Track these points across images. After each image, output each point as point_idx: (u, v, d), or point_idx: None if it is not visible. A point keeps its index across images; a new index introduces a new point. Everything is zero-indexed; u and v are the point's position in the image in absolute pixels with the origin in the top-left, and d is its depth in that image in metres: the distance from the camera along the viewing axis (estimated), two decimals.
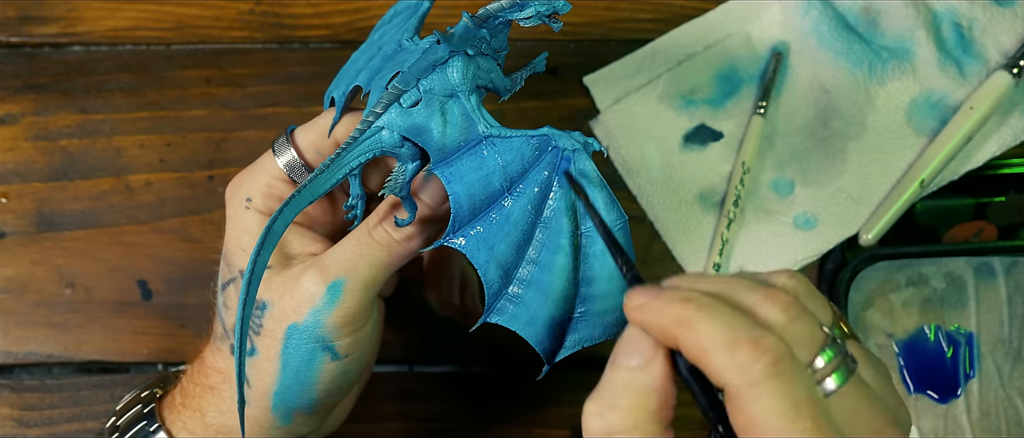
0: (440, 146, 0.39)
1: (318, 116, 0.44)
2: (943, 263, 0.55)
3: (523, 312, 0.41)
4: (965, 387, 0.54)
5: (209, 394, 0.43)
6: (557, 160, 0.40)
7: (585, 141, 0.40)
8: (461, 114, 0.39)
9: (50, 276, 0.57)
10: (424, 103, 0.39)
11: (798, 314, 0.32)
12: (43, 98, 0.59)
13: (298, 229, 0.44)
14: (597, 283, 0.41)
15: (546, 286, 0.41)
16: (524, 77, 0.43)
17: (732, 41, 0.59)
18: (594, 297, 0.42)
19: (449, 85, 0.39)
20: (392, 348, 0.56)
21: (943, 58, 0.58)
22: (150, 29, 0.60)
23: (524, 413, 0.56)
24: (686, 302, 0.32)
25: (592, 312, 0.42)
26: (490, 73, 0.40)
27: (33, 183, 0.58)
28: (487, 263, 0.40)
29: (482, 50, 0.40)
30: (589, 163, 0.40)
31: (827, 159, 0.57)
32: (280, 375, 0.42)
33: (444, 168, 0.39)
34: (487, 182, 0.39)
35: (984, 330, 0.55)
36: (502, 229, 0.40)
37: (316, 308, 0.41)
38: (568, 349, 0.43)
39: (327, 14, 0.61)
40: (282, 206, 0.37)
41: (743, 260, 0.56)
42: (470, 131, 0.39)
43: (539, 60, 0.44)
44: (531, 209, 0.40)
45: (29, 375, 0.57)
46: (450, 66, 0.39)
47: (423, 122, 0.39)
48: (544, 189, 0.40)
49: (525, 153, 0.39)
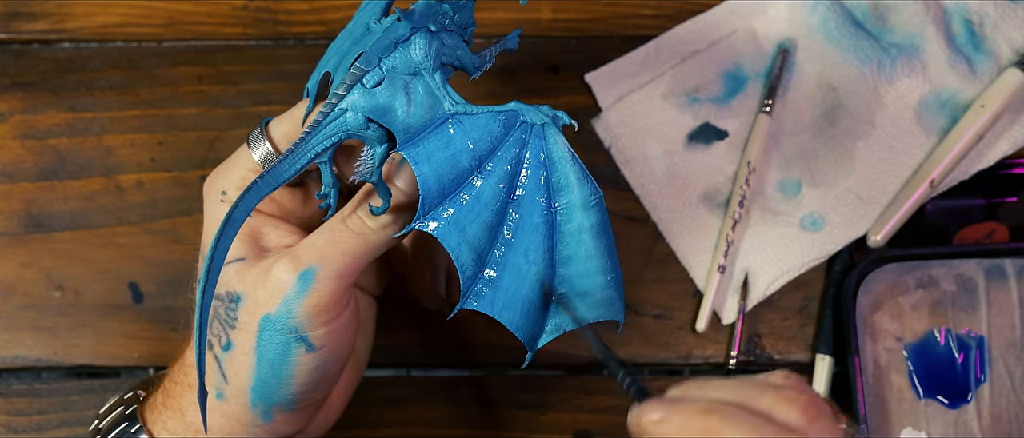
0: (405, 126, 0.38)
1: (292, 108, 0.43)
2: (953, 265, 0.55)
3: (500, 296, 0.40)
4: (976, 392, 0.53)
5: (189, 392, 0.43)
6: (527, 136, 0.39)
7: (554, 114, 0.39)
8: (425, 92, 0.38)
9: (39, 278, 0.56)
10: (387, 82, 0.38)
11: (816, 414, 0.34)
12: (32, 96, 0.59)
13: (273, 221, 0.43)
14: (574, 263, 0.40)
15: (522, 268, 0.40)
16: (495, 54, 0.43)
17: (737, 38, 0.58)
18: (573, 278, 0.41)
19: (412, 63, 0.38)
20: (387, 351, 0.56)
21: (954, 55, 0.57)
22: (141, 25, 0.60)
23: (523, 418, 0.56)
24: (710, 413, 0.33)
25: (572, 294, 0.41)
26: (456, 50, 0.40)
27: (21, 183, 0.58)
28: (459, 245, 0.39)
29: (446, 26, 0.39)
30: (559, 138, 0.39)
31: (835, 158, 0.56)
32: (256, 369, 0.41)
33: (410, 148, 0.38)
34: (455, 161, 0.38)
35: (995, 334, 0.54)
36: (473, 210, 0.39)
37: (287, 297, 0.40)
38: (549, 334, 0.42)
39: (322, 10, 0.60)
40: (244, 192, 0.37)
41: (748, 262, 0.56)
42: (435, 109, 0.38)
43: (511, 37, 0.43)
44: (502, 188, 0.39)
45: (18, 380, 0.56)
46: (412, 43, 0.38)
47: (387, 102, 0.38)
48: (515, 166, 0.39)
49: (493, 130, 0.39)
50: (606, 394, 0.55)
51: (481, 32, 0.59)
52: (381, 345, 0.54)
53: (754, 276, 0.56)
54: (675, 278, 0.56)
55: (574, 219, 0.40)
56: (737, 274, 0.56)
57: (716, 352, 0.56)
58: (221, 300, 0.42)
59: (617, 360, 0.37)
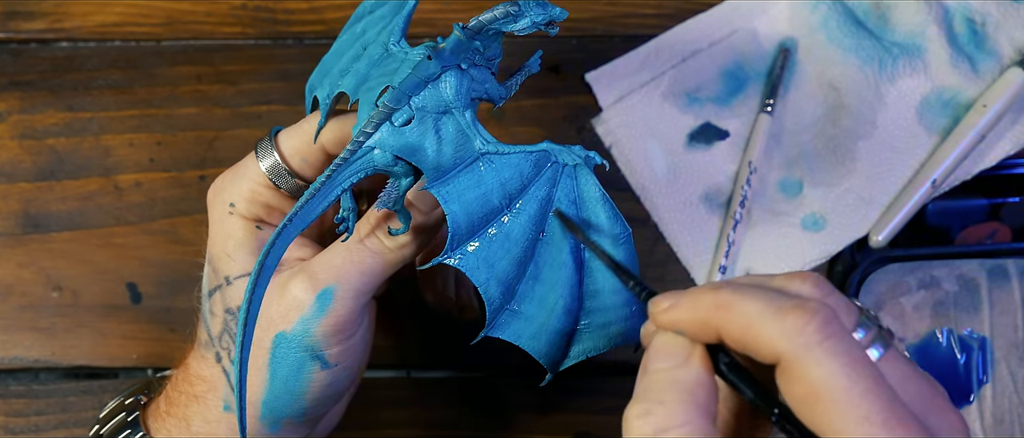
0: (435, 164, 0.38)
1: (302, 120, 0.43)
2: (955, 265, 0.54)
3: (526, 327, 0.40)
4: (978, 393, 0.53)
5: (194, 403, 0.42)
6: (558, 175, 0.39)
7: (586, 155, 0.39)
8: (456, 131, 0.38)
9: (37, 279, 0.56)
10: (417, 121, 0.38)
11: (829, 290, 0.32)
12: (30, 96, 0.59)
13: None
14: (601, 296, 0.41)
15: (549, 301, 0.40)
16: (520, 82, 0.42)
17: (738, 37, 0.58)
18: (598, 309, 0.41)
19: (442, 102, 0.38)
20: (389, 353, 0.55)
21: (955, 54, 0.57)
22: (140, 25, 0.60)
23: (524, 419, 0.55)
24: (719, 289, 0.31)
25: (595, 324, 0.41)
26: (484, 84, 0.39)
27: (19, 183, 0.57)
28: (488, 281, 0.39)
29: (475, 62, 0.39)
30: (591, 178, 0.39)
31: (836, 158, 0.56)
32: (268, 384, 0.41)
33: (440, 187, 0.38)
34: (485, 200, 0.38)
35: (998, 334, 0.54)
36: (502, 246, 0.39)
37: (305, 316, 0.40)
38: (572, 359, 0.42)
39: (321, 9, 0.60)
40: (273, 238, 0.36)
41: (750, 262, 0.55)
42: (466, 148, 0.38)
43: (533, 61, 0.43)
44: (532, 226, 0.39)
45: (15, 381, 0.56)
46: (443, 82, 0.38)
47: (416, 141, 0.38)
48: (545, 205, 0.39)
49: (524, 169, 0.39)
50: (607, 395, 0.55)
51: None
52: (382, 346, 0.53)
53: None
54: (676, 279, 0.56)
55: None
56: (738, 274, 0.55)
57: None
58: (232, 314, 0.41)
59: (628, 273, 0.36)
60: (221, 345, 0.42)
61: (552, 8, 0.38)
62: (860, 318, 0.32)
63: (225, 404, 0.42)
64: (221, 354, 0.42)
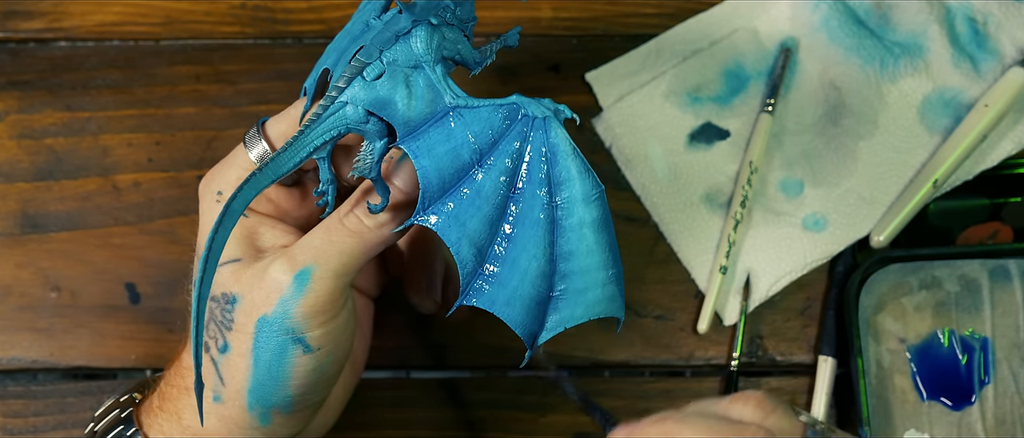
0: (405, 119, 0.38)
1: (289, 106, 0.43)
2: (957, 266, 0.54)
3: (500, 292, 0.40)
4: (980, 394, 0.53)
5: (186, 395, 0.42)
6: (528, 129, 0.38)
7: (556, 108, 0.39)
8: (426, 85, 0.38)
9: (35, 279, 0.56)
10: (388, 75, 0.38)
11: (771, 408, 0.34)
12: (28, 95, 0.58)
13: (270, 221, 0.43)
14: (576, 257, 0.40)
15: (522, 263, 0.39)
16: (495, 50, 0.42)
17: (739, 36, 0.58)
18: (573, 273, 0.40)
19: (413, 55, 0.38)
20: (387, 353, 0.55)
21: (957, 54, 0.56)
22: (138, 24, 0.59)
23: (523, 420, 0.55)
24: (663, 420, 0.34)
25: (572, 289, 0.40)
26: (457, 44, 0.39)
27: (17, 183, 0.57)
28: (459, 240, 0.38)
29: (447, 20, 0.39)
30: (561, 132, 0.39)
31: (837, 158, 0.56)
32: (252, 371, 0.41)
33: (411, 142, 0.38)
34: (456, 155, 0.38)
35: (999, 335, 0.53)
36: (473, 204, 0.38)
37: (284, 298, 0.40)
38: (550, 330, 0.41)
39: (321, 9, 0.59)
40: (242, 184, 0.36)
41: (750, 263, 0.55)
42: (436, 102, 0.38)
43: (511, 34, 0.43)
44: (503, 181, 0.39)
45: (13, 381, 0.55)
46: (413, 36, 0.38)
47: (387, 95, 0.38)
48: (516, 160, 0.39)
49: (494, 123, 0.38)
50: (606, 396, 0.55)
51: (481, 30, 0.59)
52: (381, 347, 0.53)
53: (756, 277, 0.55)
54: (676, 279, 0.56)
55: (576, 213, 0.39)
56: (739, 275, 0.55)
57: (718, 353, 0.55)
58: (217, 302, 0.41)
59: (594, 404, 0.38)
60: (209, 334, 0.41)
61: None
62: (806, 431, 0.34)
63: (215, 394, 0.41)
64: (209, 344, 0.41)
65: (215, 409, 0.42)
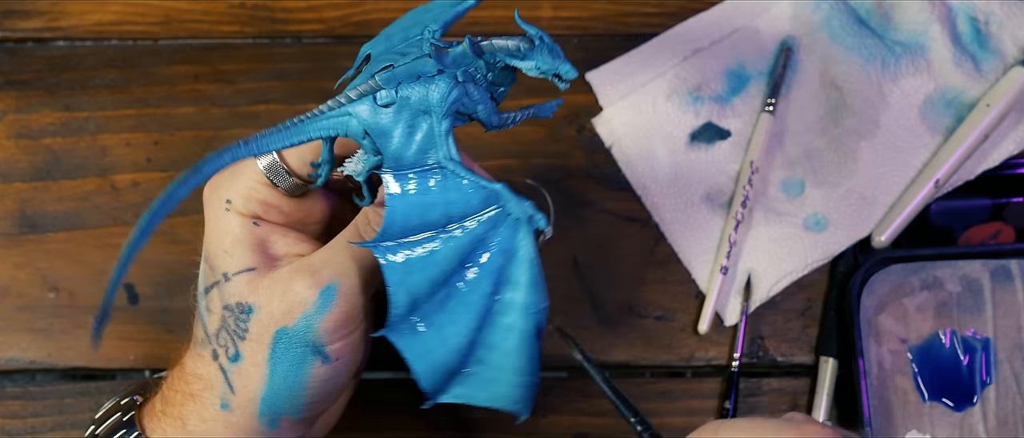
0: (396, 155, 0.38)
1: None
2: (959, 266, 0.54)
3: (418, 344, 0.41)
4: (981, 395, 0.53)
5: (190, 401, 0.42)
6: (500, 222, 0.39)
7: (532, 214, 0.39)
8: (427, 134, 0.38)
9: (33, 279, 0.56)
10: (396, 108, 0.38)
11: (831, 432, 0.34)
12: (26, 95, 0.58)
13: (281, 230, 0.43)
14: (495, 352, 0.41)
15: (446, 332, 0.40)
16: (522, 118, 0.42)
17: (740, 36, 0.58)
18: (488, 363, 0.41)
19: (426, 102, 0.38)
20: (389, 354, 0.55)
21: (959, 53, 0.56)
22: (137, 23, 0.59)
23: (527, 421, 0.54)
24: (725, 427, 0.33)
25: (482, 376, 0.42)
26: (477, 104, 0.39)
27: (15, 183, 0.57)
28: (399, 285, 0.39)
29: (475, 78, 0.39)
30: (529, 239, 0.39)
31: (838, 158, 0.56)
32: (268, 380, 0.41)
33: (392, 176, 0.38)
34: (425, 210, 0.39)
35: (1001, 336, 0.53)
36: (423, 263, 0.39)
37: (308, 313, 0.40)
38: (450, 397, 0.42)
39: (320, 8, 0.59)
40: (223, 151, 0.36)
41: (751, 263, 0.55)
42: (429, 153, 0.38)
43: (547, 106, 0.42)
44: (457, 256, 0.39)
45: (11, 382, 0.55)
46: (434, 84, 0.38)
47: (388, 126, 0.38)
48: (477, 244, 0.39)
49: (472, 200, 0.39)
50: (606, 397, 0.55)
51: (480, 30, 0.59)
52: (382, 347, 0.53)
53: (757, 277, 0.55)
54: (677, 279, 0.56)
55: (510, 316, 0.40)
56: (740, 275, 0.55)
57: (718, 354, 0.55)
58: (231, 311, 0.41)
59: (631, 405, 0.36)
60: (218, 343, 0.41)
61: (562, 62, 0.38)
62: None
63: (222, 402, 0.41)
64: (218, 352, 0.41)
65: (222, 416, 0.42)
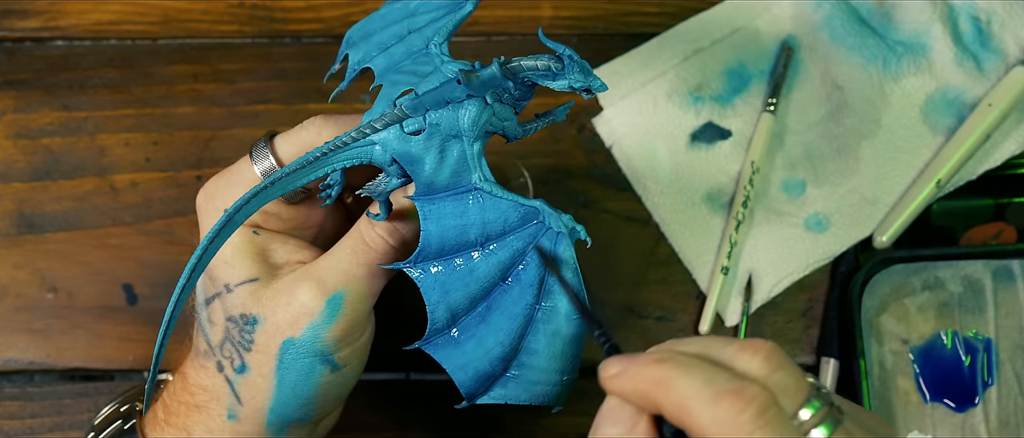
0: (428, 181, 0.38)
1: (298, 126, 0.42)
2: (960, 266, 0.54)
3: (458, 356, 0.41)
4: (983, 395, 0.52)
5: (196, 412, 0.42)
6: (539, 235, 0.39)
7: (573, 227, 0.39)
8: (459, 158, 0.38)
9: (31, 280, 0.56)
10: (425, 135, 0.38)
11: (780, 363, 0.32)
12: (24, 95, 0.58)
13: (281, 237, 0.42)
14: (538, 357, 0.41)
15: (488, 343, 0.41)
16: (540, 128, 0.42)
17: (741, 35, 0.58)
18: (531, 366, 0.41)
19: (457, 127, 0.38)
20: (388, 356, 0.55)
21: (960, 53, 0.56)
22: (135, 23, 0.59)
23: (524, 422, 0.55)
24: (661, 362, 0.32)
25: (525, 378, 0.42)
26: (504, 121, 0.39)
27: (14, 183, 0.57)
28: (438, 304, 0.40)
29: (502, 99, 0.39)
30: (570, 249, 0.39)
31: (840, 158, 0.56)
32: (276, 391, 0.41)
33: (425, 203, 0.39)
34: (463, 232, 0.39)
35: (1003, 336, 0.53)
36: (463, 280, 0.39)
37: (315, 323, 0.40)
38: (491, 398, 0.43)
39: (320, 8, 0.59)
40: (250, 193, 0.36)
41: (752, 263, 0.55)
42: (463, 177, 0.39)
43: (560, 110, 0.43)
44: (497, 271, 0.40)
45: (10, 383, 0.55)
46: (464, 109, 0.38)
47: (418, 153, 0.38)
48: (516, 257, 0.40)
49: (510, 217, 0.39)
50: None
51: (480, 29, 0.59)
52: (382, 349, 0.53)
53: (758, 278, 0.55)
54: (678, 280, 0.55)
55: (554, 323, 0.40)
56: (741, 275, 0.55)
57: None
58: (234, 322, 0.41)
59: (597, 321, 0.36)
60: (223, 354, 0.41)
61: (594, 79, 0.38)
62: (809, 396, 0.32)
63: (230, 413, 0.41)
64: (223, 363, 0.41)
65: (229, 426, 0.42)
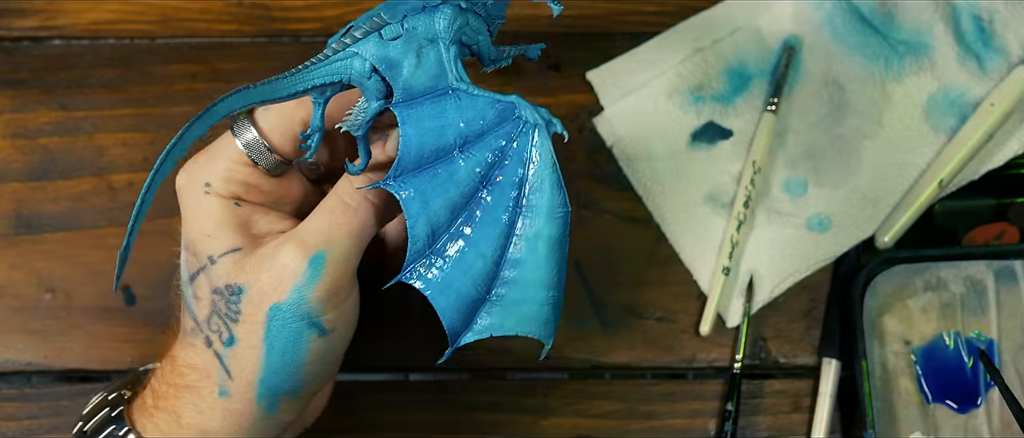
0: (406, 85, 0.39)
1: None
2: (963, 267, 0.54)
3: (440, 279, 0.40)
4: (986, 396, 0.52)
5: (186, 393, 0.41)
6: (517, 130, 0.39)
7: (549, 118, 0.39)
8: (436, 61, 0.39)
9: (29, 280, 0.55)
10: (403, 39, 0.39)
11: None
12: (22, 94, 0.58)
13: (262, 209, 0.42)
14: (522, 267, 0.40)
15: (469, 259, 0.40)
16: (513, 54, 0.43)
17: (742, 35, 0.57)
18: (515, 282, 0.41)
19: (433, 30, 0.39)
20: (387, 356, 0.55)
21: (963, 52, 0.56)
22: (134, 22, 0.59)
23: (523, 422, 0.55)
24: None
25: (509, 298, 0.41)
26: (478, 34, 0.40)
27: (11, 183, 0.57)
28: (418, 215, 0.39)
29: (476, 8, 0.40)
30: (547, 143, 0.39)
31: (842, 158, 0.55)
32: (265, 360, 0.41)
33: (403, 108, 0.39)
34: (441, 133, 0.39)
35: (1005, 337, 0.53)
36: (443, 185, 0.39)
37: (299, 285, 0.40)
38: (475, 333, 0.41)
39: (318, 6, 0.59)
40: (232, 93, 0.36)
41: (754, 264, 0.55)
42: (440, 79, 0.39)
43: (533, 47, 0.43)
44: (478, 173, 0.39)
45: (7, 384, 0.55)
46: (439, 12, 0.39)
47: (397, 57, 0.39)
48: (497, 156, 0.39)
49: (487, 115, 0.39)
50: (607, 399, 0.54)
51: None
52: (380, 349, 0.53)
53: (759, 278, 0.55)
54: (678, 280, 0.55)
55: (536, 224, 0.40)
56: (742, 276, 0.55)
57: (720, 356, 0.55)
58: (220, 294, 0.41)
59: None
60: (210, 328, 0.41)
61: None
62: None
63: (220, 389, 0.41)
64: (211, 338, 0.41)
65: (220, 404, 0.41)
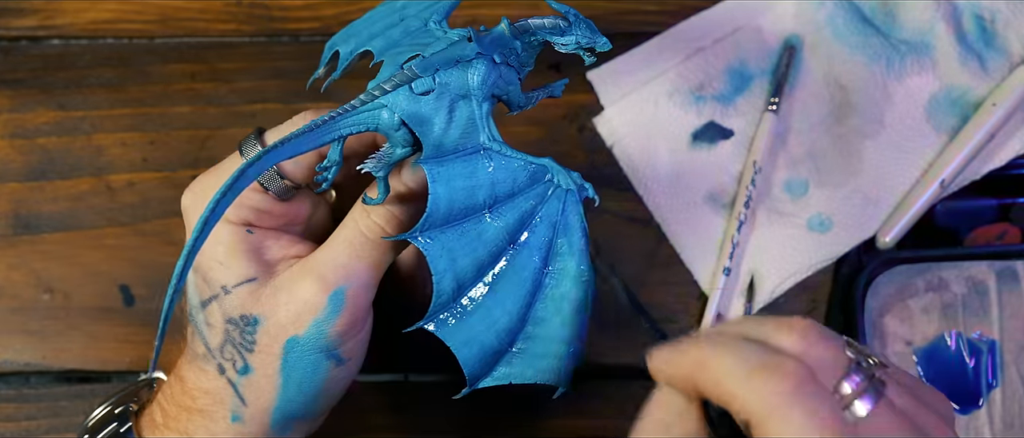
0: (437, 142, 0.38)
1: (288, 121, 0.42)
2: (964, 267, 0.53)
3: (463, 331, 0.41)
4: (987, 397, 0.52)
5: (198, 416, 0.41)
6: (547, 194, 0.39)
7: (581, 184, 0.40)
8: (468, 118, 0.38)
9: (27, 281, 0.55)
10: (435, 95, 0.38)
11: (817, 338, 0.32)
12: (20, 94, 0.58)
13: (274, 234, 0.42)
14: (545, 325, 0.41)
15: (494, 314, 0.40)
16: (540, 98, 0.42)
17: (743, 34, 0.57)
18: (537, 337, 0.41)
19: (466, 86, 0.38)
20: (387, 357, 0.54)
21: (964, 52, 0.56)
22: (132, 21, 0.59)
23: (523, 425, 0.55)
24: (700, 345, 0.33)
25: (531, 351, 0.42)
26: (509, 85, 0.40)
27: (9, 183, 0.57)
28: (445, 272, 0.39)
29: (508, 61, 0.39)
30: (578, 209, 0.40)
31: (843, 158, 0.55)
32: (281, 390, 0.41)
33: (433, 165, 0.38)
34: (471, 193, 0.39)
35: (1007, 338, 0.53)
36: (470, 244, 0.39)
37: (318, 320, 0.40)
38: (495, 380, 0.42)
39: (317, 6, 0.59)
40: (261, 153, 0.35)
41: (754, 264, 0.54)
42: (471, 137, 0.39)
43: (557, 85, 0.43)
44: (506, 234, 0.40)
45: (5, 385, 0.55)
46: (473, 67, 0.38)
47: (428, 113, 0.38)
48: (525, 219, 0.40)
49: (519, 177, 0.39)
50: (606, 401, 0.54)
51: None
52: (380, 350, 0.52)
53: (760, 278, 0.54)
54: (679, 280, 0.55)
55: (562, 286, 0.40)
56: (743, 276, 0.55)
57: None
58: (235, 324, 0.41)
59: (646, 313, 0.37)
60: (223, 357, 0.41)
61: (599, 36, 0.39)
62: (850, 366, 0.32)
63: (234, 415, 0.41)
64: (224, 366, 0.41)
65: (233, 428, 0.41)
